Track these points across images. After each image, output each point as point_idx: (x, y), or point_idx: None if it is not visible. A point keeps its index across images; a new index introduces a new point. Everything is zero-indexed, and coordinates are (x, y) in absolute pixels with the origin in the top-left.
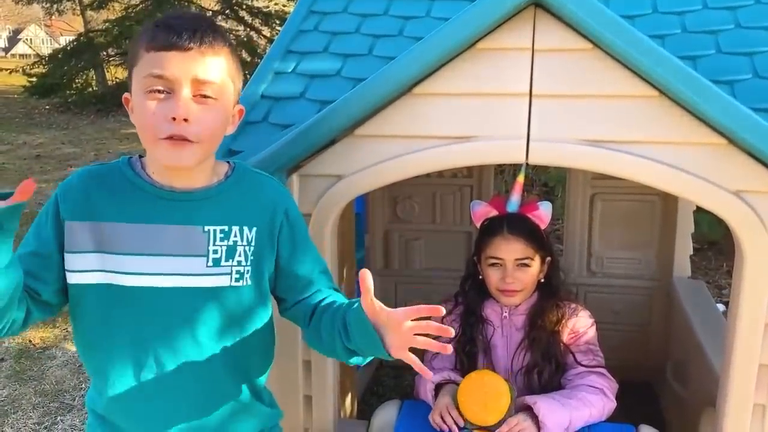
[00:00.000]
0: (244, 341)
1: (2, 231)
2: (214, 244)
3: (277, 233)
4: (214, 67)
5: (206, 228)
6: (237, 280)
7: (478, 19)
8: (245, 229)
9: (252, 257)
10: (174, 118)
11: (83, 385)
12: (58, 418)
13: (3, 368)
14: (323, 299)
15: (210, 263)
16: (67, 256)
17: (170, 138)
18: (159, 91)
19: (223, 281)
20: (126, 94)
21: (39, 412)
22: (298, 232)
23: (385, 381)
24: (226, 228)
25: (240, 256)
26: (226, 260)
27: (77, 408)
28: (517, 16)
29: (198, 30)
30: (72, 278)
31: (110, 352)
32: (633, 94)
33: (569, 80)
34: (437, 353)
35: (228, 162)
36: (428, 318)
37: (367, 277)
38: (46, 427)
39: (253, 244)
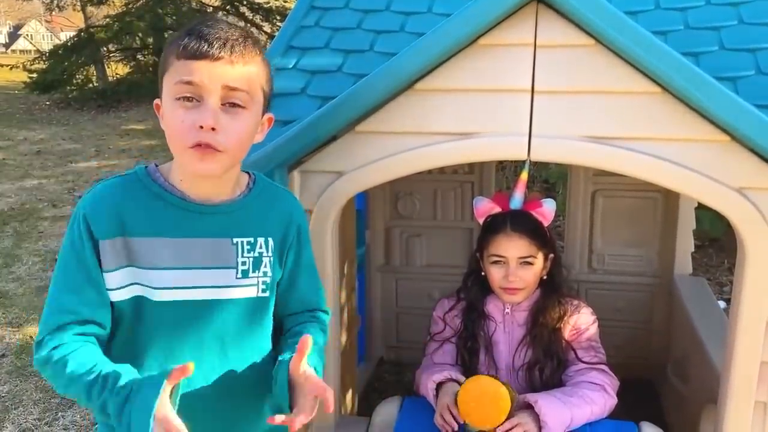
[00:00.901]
0: (265, 347)
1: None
2: (242, 256)
3: (288, 248)
4: (244, 76)
5: (235, 240)
6: (264, 291)
7: (481, 15)
8: (269, 240)
9: (272, 265)
10: (202, 127)
11: None
12: (59, 414)
13: (4, 364)
14: (295, 325)
15: (239, 275)
16: (105, 275)
17: (198, 146)
18: (188, 99)
19: (251, 292)
20: (157, 100)
21: (40, 407)
22: (304, 250)
23: (386, 377)
24: (252, 240)
25: (265, 267)
26: (253, 271)
27: (78, 404)
28: (520, 11)
29: (229, 39)
30: (111, 296)
31: (138, 365)
32: (635, 91)
33: (571, 76)
34: (438, 349)
35: (248, 173)
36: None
37: (307, 342)
38: (47, 423)
39: (272, 253)
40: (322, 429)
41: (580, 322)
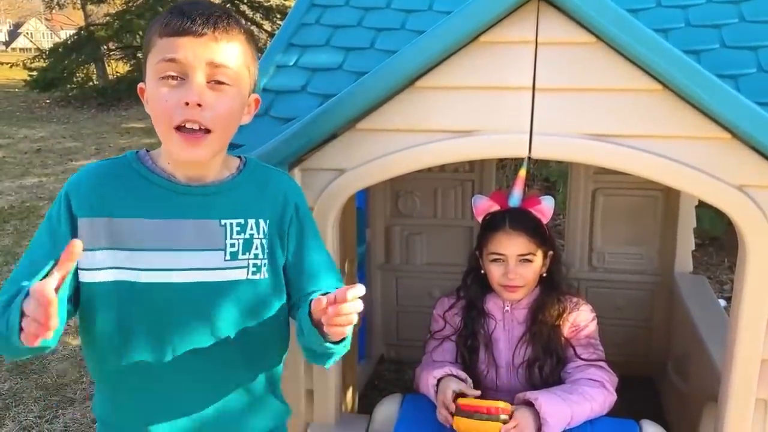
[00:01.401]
0: (261, 333)
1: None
2: (231, 238)
3: (287, 227)
4: (228, 53)
5: (223, 221)
6: (254, 273)
7: (482, 12)
8: (261, 221)
9: (268, 250)
10: (187, 103)
11: (84, 379)
12: (60, 411)
13: (4, 362)
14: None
15: (227, 257)
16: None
17: (183, 126)
18: (172, 78)
19: (240, 274)
20: (140, 84)
21: (40, 405)
22: (306, 228)
23: (386, 375)
24: (242, 221)
25: (257, 249)
26: (243, 253)
27: (78, 401)
28: (521, 8)
29: (212, 16)
30: (84, 276)
31: (127, 353)
32: (637, 88)
33: (572, 74)
34: (438, 347)
35: (239, 157)
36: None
37: (339, 294)
38: (47, 421)
39: (267, 236)
40: (323, 427)
41: (580, 320)
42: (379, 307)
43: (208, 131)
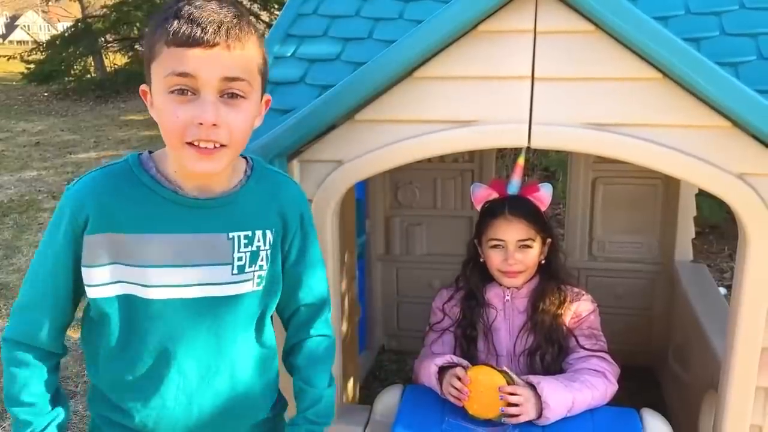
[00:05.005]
0: (262, 338)
1: None
2: (238, 251)
3: (292, 237)
4: (242, 63)
5: (231, 235)
6: (258, 284)
7: (480, 2)
8: (268, 232)
9: (270, 258)
10: (201, 123)
11: (85, 372)
12: None
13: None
14: (300, 341)
15: (235, 270)
16: (84, 270)
17: (196, 145)
18: (182, 92)
19: (247, 287)
20: (143, 87)
21: None
22: (309, 237)
23: (387, 366)
24: (249, 233)
25: (262, 260)
26: (250, 266)
27: (80, 394)
28: None
29: (223, 22)
30: (92, 292)
31: (133, 364)
32: (636, 77)
33: (572, 63)
34: (437, 339)
35: (245, 158)
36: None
37: None
38: None
39: (272, 246)
40: None
41: (581, 309)
42: (379, 298)
43: (223, 145)
